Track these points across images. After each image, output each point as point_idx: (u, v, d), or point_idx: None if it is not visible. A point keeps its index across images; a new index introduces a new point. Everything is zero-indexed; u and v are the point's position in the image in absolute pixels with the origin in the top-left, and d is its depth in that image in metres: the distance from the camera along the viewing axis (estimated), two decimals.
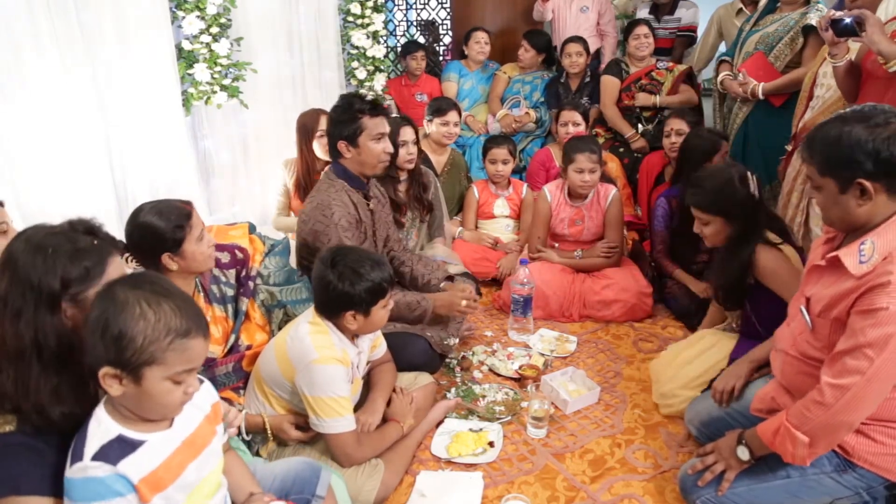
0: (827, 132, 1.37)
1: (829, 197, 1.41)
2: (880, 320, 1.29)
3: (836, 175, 1.37)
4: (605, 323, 2.83)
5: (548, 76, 4.24)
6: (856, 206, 1.37)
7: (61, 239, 1.13)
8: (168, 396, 1.06)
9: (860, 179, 1.33)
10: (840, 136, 1.33)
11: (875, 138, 1.30)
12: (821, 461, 1.49)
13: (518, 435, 2.06)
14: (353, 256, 1.73)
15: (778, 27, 2.94)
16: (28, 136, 2.48)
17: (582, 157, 2.83)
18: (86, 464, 1.03)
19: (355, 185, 2.29)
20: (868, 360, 1.31)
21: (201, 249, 1.72)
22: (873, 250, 1.34)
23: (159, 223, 1.66)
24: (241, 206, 3.54)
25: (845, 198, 1.37)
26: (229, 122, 3.38)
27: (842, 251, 1.40)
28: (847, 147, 1.32)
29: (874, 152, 1.30)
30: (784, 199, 2.62)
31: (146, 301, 1.03)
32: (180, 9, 3.01)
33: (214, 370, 1.85)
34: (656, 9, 4.22)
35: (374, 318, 1.75)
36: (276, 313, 2.09)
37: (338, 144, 2.23)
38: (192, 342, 1.05)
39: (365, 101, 2.21)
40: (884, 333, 1.29)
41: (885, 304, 1.28)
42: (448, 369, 2.44)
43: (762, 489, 1.55)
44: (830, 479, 1.50)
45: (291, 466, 1.45)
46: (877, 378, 1.32)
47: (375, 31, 4.06)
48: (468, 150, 4.07)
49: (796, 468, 1.51)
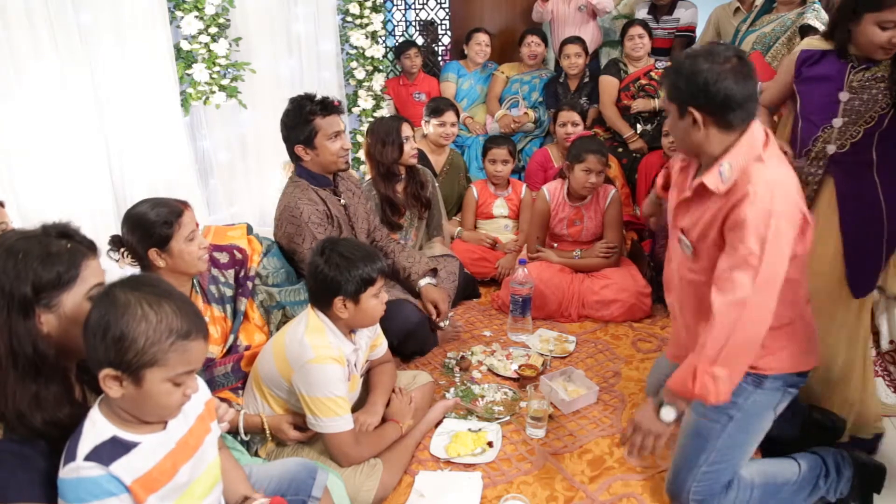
0: (679, 60, 1.49)
1: (672, 120, 1.54)
2: (750, 229, 1.38)
3: (675, 101, 1.50)
4: (604, 323, 2.83)
5: (546, 76, 4.24)
6: (691, 132, 1.48)
7: (33, 243, 1.10)
8: (168, 398, 1.06)
9: (691, 108, 1.45)
10: (683, 65, 1.46)
11: (710, 72, 1.40)
12: (742, 388, 1.54)
13: (517, 435, 2.06)
14: (344, 245, 1.75)
15: (775, 27, 2.94)
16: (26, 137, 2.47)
17: (593, 158, 2.84)
18: (78, 464, 1.03)
19: (320, 183, 2.30)
20: (751, 268, 1.38)
21: (190, 250, 1.70)
22: (731, 170, 1.44)
23: (149, 217, 1.67)
24: (239, 206, 3.54)
25: (683, 123, 1.50)
26: (228, 123, 3.38)
27: (705, 177, 1.49)
28: (686, 76, 1.44)
29: (704, 85, 1.41)
30: None
31: (147, 303, 1.03)
32: (178, 9, 3.00)
33: (213, 370, 1.85)
34: (655, 9, 4.22)
35: (366, 307, 1.75)
36: (275, 314, 2.09)
37: (295, 149, 2.23)
38: (192, 344, 1.05)
39: (315, 102, 2.20)
40: (757, 239, 1.37)
41: (750, 213, 1.38)
42: (447, 369, 2.44)
43: (724, 444, 1.60)
44: (759, 396, 1.59)
45: (287, 467, 1.45)
46: (764, 282, 1.38)
47: (374, 32, 4.06)
48: (467, 151, 4.07)
49: (731, 406, 1.56)
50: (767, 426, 1.64)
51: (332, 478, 1.59)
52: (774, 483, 1.66)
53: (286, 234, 2.22)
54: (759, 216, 1.37)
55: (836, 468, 1.70)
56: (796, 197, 1.44)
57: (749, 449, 1.65)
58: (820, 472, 1.70)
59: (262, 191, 3.52)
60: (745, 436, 1.62)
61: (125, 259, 1.71)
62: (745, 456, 1.64)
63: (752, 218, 1.38)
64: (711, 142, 1.48)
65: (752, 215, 1.38)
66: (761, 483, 1.65)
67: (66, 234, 1.16)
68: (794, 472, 1.68)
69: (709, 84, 1.41)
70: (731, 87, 1.40)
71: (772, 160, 1.45)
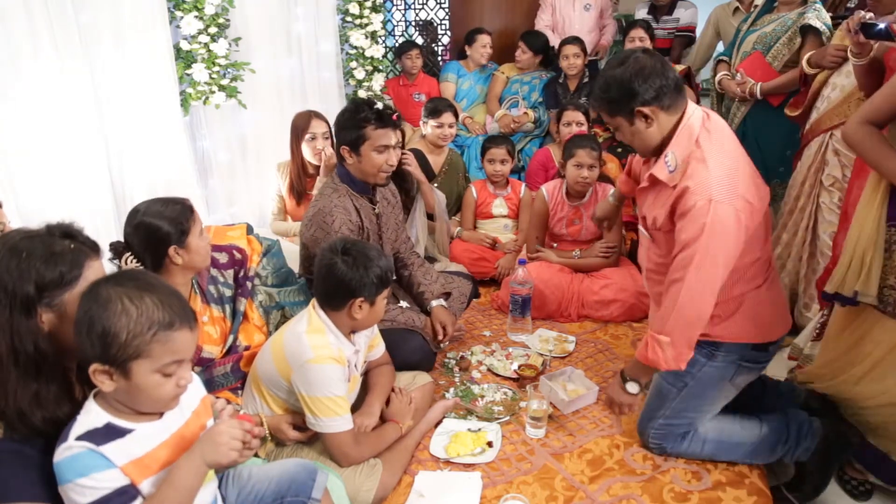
0: (598, 84, 1.65)
1: (626, 131, 1.68)
2: (692, 217, 1.54)
3: (621, 112, 1.64)
4: (604, 323, 2.83)
5: (546, 76, 4.24)
6: (646, 130, 1.63)
7: (37, 243, 1.12)
8: (159, 389, 1.07)
9: (638, 108, 1.60)
10: (609, 82, 1.62)
11: (632, 72, 1.58)
12: (695, 359, 1.72)
13: (517, 435, 2.06)
14: (360, 245, 1.76)
15: (776, 27, 2.94)
16: (26, 137, 2.47)
17: (582, 153, 2.85)
18: (70, 443, 1.04)
19: (359, 189, 2.27)
20: (692, 251, 1.55)
21: (203, 244, 1.75)
22: (675, 159, 1.60)
23: (167, 215, 1.68)
24: (238, 206, 3.54)
25: (636, 127, 1.64)
26: (227, 123, 3.38)
27: (654, 168, 1.66)
28: (617, 88, 1.60)
29: (635, 82, 1.57)
30: (791, 203, 2.60)
31: (128, 297, 1.04)
32: (178, 9, 3.00)
33: (212, 371, 1.85)
34: (655, 9, 4.22)
35: (378, 308, 1.78)
36: (274, 315, 2.09)
37: (341, 149, 2.21)
38: (176, 334, 1.06)
39: (372, 110, 2.15)
40: (697, 226, 1.53)
41: (692, 202, 1.54)
42: (447, 369, 2.44)
43: (678, 405, 1.83)
44: (711, 368, 1.77)
45: (287, 469, 1.45)
46: (703, 265, 1.55)
47: (374, 32, 4.06)
48: (467, 151, 4.07)
49: (686, 374, 1.76)
50: (724, 395, 1.84)
51: (332, 478, 1.59)
52: (729, 441, 1.85)
53: (313, 237, 2.19)
54: (699, 205, 1.52)
55: (797, 436, 1.82)
56: (737, 184, 1.55)
57: (703, 411, 1.85)
58: (780, 437, 1.83)
59: (262, 191, 3.51)
60: (698, 401, 1.83)
61: (128, 266, 1.71)
62: (700, 416, 1.85)
63: (693, 207, 1.53)
64: (664, 129, 1.63)
65: (693, 205, 1.53)
66: (714, 439, 1.85)
67: (70, 234, 1.18)
68: (753, 434, 1.84)
69: (638, 79, 1.57)
70: (654, 71, 1.58)
71: (710, 150, 1.58)
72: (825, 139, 2.42)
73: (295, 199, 3.06)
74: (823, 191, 2.44)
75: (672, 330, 1.63)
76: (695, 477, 1.86)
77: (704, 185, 1.54)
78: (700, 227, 1.53)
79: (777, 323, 1.81)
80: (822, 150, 2.43)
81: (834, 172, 2.40)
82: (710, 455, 1.88)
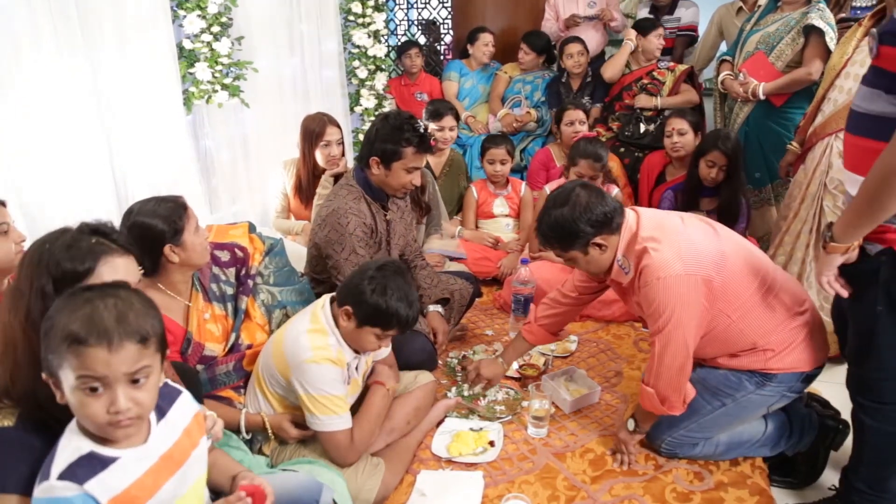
0: (548, 225, 1.79)
1: (582, 261, 1.82)
2: (654, 305, 1.70)
3: (575, 247, 1.78)
4: (606, 322, 2.83)
5: (549, 76, 4.24)
6: (601, 256, 1.79)
7: (63, 237, 1.18)
8: (84, 409, 0.98)
9: (592, 240, 1.75)
10: (558, 223, 1.76)
11: (579, 209, 1.73)
12: (743, 385, 1.81)
13: (518, 434, 2.06)
14: (400, 280, 1.73)
15: (779, 27, 2.94)
16: (28, 136, 2.47)
17: (585, 164, 2.86)
18: (52, 483, 0.97)
19: (374, 196, 2.28)
20: (659, 330, 1.70)
21: (199, 241, 1.75)
22: (625, 260, 1.77)
23: (160, 213, 1.68)
24: (241, 205, 3.53)
25: (592, 256, 1.79)
26: (230, 122, 3.37)
27: (613, 276, 1.83)
28: (567, 228, 1.75)
29: (583, 219, 1.73)
30: (796, 207, 2.56)
31: (64, 305, 0.99)
32: (181, 8, 3.00)
33: (215, 369, 1.85)
34: (656, 9, 4.21)
35: (384, 344, 1.82)
36: (277, 313, 2.09)
37: (371, 159, 2.19)
38: (89, 350, 0.96)
39: (416, 133, 2.14)
40: (661, 309, 1.68)
41: (650, 294, 1.69)
42: (449, 369, 2.44)
43: (708, 421, 1.85)
44: (756, 396, 1.81)
45: (288, 486, 1.41)
46: (671, 339, 1.69)
47: (376, 31, 4.06)
48: (468, 150, 4.07)
49: (728, 396, 1.82)
50: (753, 417, 1.89)
51: (334, 476, 1.59)
52: (739, 439, 1.91)
53: (327, 238, 2.19)
54: (658, 293, 1.68)
55: (801, 431, 1.90)
56: (690, 262, 1.68)
57: (727, 428, 1.89)
58: (784, 432, 1.91)
59: (264, 189, 3.51)
60: (729, 419, 1.86)
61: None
62: (722, 432, 1.89)
63: (653, 296, 1.69)
64: (614, 246, 1.79)
65: (652, 294, 1.69)
66: (725, 442, 1.90)
67: (99, 231, 1.22)
68: (759, 431, 1.91)
69: (584, 217, 1.72)
70: (595, 203, 1.73)
71: (650, 242, 1.72)
72: (829, 142, 2.39)
73: (302, 200, 3.06)
74: (827, 194, 2.42)
75: (656, 382, 1.75)
76: (697, 477, 1.86)
77: (653, 268, 1.68)
78: (663, 309, 1.68)
79: (825, 345, 1.84)
80: (827, 153, 2.41)
81: (838, 176, 2.38)
82: (719, 456, 1.93)
